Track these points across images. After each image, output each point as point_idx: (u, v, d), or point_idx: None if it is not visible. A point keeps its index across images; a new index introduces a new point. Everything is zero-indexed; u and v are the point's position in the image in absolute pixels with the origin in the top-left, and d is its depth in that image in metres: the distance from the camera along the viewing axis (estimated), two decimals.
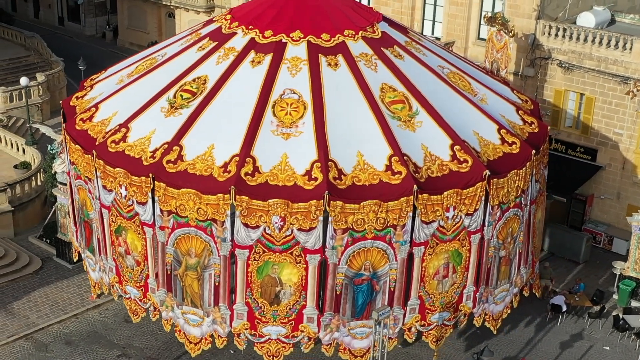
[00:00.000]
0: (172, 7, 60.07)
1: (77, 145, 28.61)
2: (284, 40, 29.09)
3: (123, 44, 64.58)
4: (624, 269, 34.31)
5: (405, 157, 26.43)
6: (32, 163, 40.21)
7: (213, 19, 32.64)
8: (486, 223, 27.42)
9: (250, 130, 26.77)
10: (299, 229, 25.45)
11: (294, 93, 27.81)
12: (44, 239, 37.03)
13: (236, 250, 25.90)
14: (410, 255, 26.58)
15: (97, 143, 27.94)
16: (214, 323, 27.05)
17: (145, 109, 28.35)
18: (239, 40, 29.58)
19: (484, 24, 39.71)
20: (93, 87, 31.66)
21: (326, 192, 25.16)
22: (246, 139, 26.51)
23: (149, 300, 28.17)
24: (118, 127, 28.06)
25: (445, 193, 26.21)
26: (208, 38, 30.49)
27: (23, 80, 46.80)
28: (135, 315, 28.92)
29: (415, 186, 25.72)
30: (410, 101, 28.27)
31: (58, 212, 35.02)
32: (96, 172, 27.70)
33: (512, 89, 33.50)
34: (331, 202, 25.20)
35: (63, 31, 69.05)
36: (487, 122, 28.92)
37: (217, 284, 26.49)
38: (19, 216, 37.67)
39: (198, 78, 28.81)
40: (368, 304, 26.69)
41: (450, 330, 28.71)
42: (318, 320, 26.65)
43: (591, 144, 38.72)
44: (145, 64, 31.08)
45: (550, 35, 38.82)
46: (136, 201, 26.79)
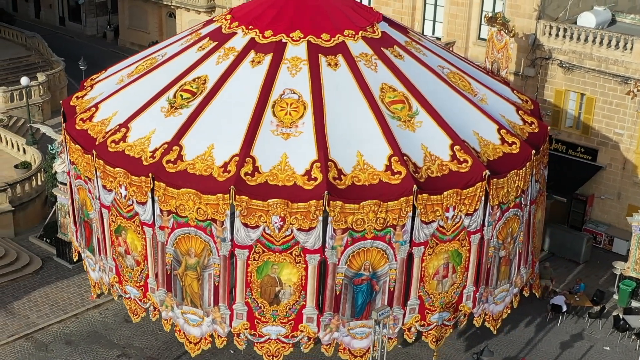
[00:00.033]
0: (173, 7, 60.06)
1: (77, 145, 28.61)
2: (284, 40, 29.08)
3: (124, 44, 64.58)
4: (624, 269, 34.29)
5: (405, 157, 26.41)
6: (33, 163, 40.21)
7: (213, 19, 32.64)
8: (486, 223, 27.40)
9: (250, 130, 26.76)
10: (299, 229, 25.44)
11: (294, 93, 27.79)
12: (44, 239, 37.01)
13: (236, 250, 25.89)
14: (410, 255, 26.56)
15: (97, 143, 27.95)
16: (214, 323, 27.04)
17: (145, 109, 28.35)
18: (239, 40, 29.57)
19: (485, 24, 39.72)
20: (93, 87, 31.66)
21: (326, 192, 25.15)
22: (246, 139, 26.50)
23: (149, 300, 28.17)
24: (118, 127, 28.06)
25: (445, 193, 26.19)
26: (208, 38, 30.48)
27: (24, 80, 46.77)
28: (135, 315, 28.92)
29: (415, 186, 25.69)
30: (410, 101, 28.25)
31: (58, 212, 35.02)
32: (96, 172, 27.70)
33: (513, 89, 33.46)
34: (331, 202, 25.19)
35: (64, 31, 69.04)
36: (487, 122, 28.90)
37: (217, 284, 26.48)
38: (19, 216, 37.67)
39: (198, 78, 28.82)
40: (368, 304, 26.67)
41: (450, 330, 28.68)
42: (318, 320, 26.63)
43: (592, 144, 38.69)
44: (145, 64, 31.09)
45: (550, 35, 38.79)
46: (136, 201, 26.79)
